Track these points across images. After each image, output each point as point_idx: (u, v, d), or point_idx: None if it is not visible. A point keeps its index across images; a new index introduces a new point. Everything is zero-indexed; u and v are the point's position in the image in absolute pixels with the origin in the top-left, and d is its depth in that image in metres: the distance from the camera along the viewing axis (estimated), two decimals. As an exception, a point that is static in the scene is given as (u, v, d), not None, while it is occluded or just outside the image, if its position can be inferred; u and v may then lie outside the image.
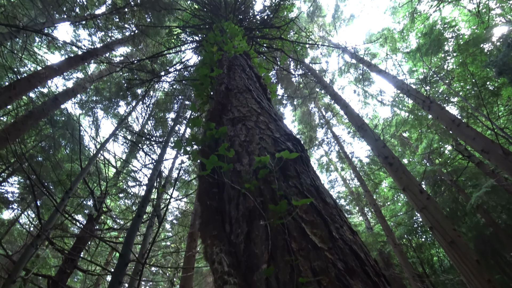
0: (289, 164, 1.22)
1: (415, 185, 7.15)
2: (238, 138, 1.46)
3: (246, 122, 1.55)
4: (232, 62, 2.63)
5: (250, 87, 2.03)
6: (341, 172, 14.04)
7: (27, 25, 7.57)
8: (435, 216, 6.53)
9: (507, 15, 13.50)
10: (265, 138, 1.39)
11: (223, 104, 1.86)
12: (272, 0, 8.26)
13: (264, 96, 2.12)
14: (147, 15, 9.17)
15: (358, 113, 7.99)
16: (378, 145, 7.40)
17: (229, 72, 2.37)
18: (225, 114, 1.76)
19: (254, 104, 1.75)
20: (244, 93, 1.92)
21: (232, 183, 1.25)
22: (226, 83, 2.09)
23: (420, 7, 14.01)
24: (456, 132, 8.46)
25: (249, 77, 2.30)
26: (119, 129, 7.65)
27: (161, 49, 8.77)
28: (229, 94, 1.96)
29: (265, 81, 2.74)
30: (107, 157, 11.57)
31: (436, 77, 11.99)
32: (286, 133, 1.47)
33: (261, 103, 1.79)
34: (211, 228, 1.13)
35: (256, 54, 3.33)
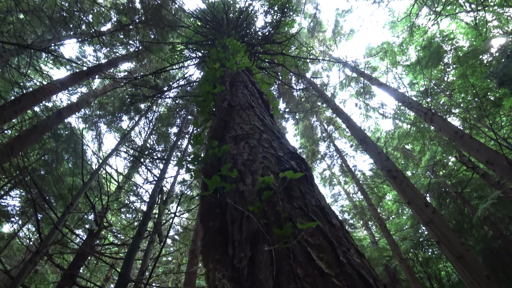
0: (294, 184, 1.20)
1: (420, 198, 7.05)
2: (241, 157, 1.45)
3: (249, 140, 1.54)
4: (235, 78, 2.65)
5: (252, 104, 2.03)
6: (344, 185, 13.90)
7: (34, 41, 7.76)
8: (442, 230, 6.40)
9: (504, 27, 13.70)
10: (269, 156, 1.37)
11: (226, 121, 1.86)
12: (273, 17, 8.46)
13: (266, 112, 2.12)
14: (151, 32, 9.39)
15: (360, 127, 8.00)
16: (381, 158, 7.35)
17: (232, 89, 2.38)
18: (227, 132, 1.76)
19: (256, 121, 1.75)
20: (247, 110, 1.92)
21: (235, 204, 1.22)
22: (228, 100, 2.09)
23: (418, 21, 14.28)
24: (460, 144, 8.41)
25: (252, 93, 2.32)
26: (121, 144, 7.68)
27: (164, 65, 8.92)
28: (232, 110, 1.97)
29: (267, 97, 2.75)
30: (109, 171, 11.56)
31: (437, 89, 12.06)
32: (289, 151, 1.46)
33: (264, 120, 1.79)
34: (214, 251, 1.10)
35: (258, 69, 3.36)
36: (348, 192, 14.02)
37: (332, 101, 9.09)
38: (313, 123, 13.65)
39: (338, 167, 13.62)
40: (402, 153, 14.94)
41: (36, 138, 8.62)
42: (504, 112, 11.94)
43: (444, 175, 13.15)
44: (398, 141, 12.22)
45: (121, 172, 9.34)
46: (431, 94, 11.76)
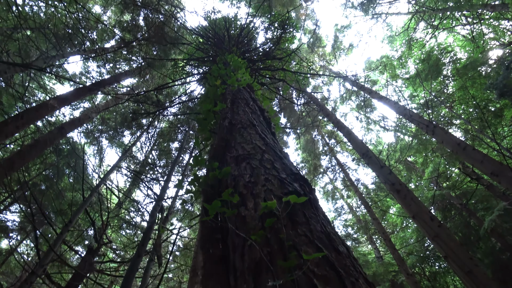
0: (297, 208, 1.15)
1: (425, 212, 6.92)
2: (242, 179, 1.41)
3: (251, 160, 1.50)
4: (236, 95, 2.65)
5: (254, 122, 2.02)
6: (347, 199, 13.72)
7: (39, 58, 7.89)
8: (449, 244, 6.24)
9: (500, 39, 13.89)
10: (271, 178, 1.34)
11: (227, 140, 1.83)
12: (273, 33, 8.61)
13: (268, 130, 2.10)
14: (153, 48, 9.56)
15: (362, 140, 7.97)
16: (384, 172, 7.27)
17: (233, 106, 2.37)
18: (228, 151, 1.73)
19: (258, 141, 1.72)
20: (248, 128, 1.90)
21: (237, 229, 1.18)
22: (229, 118, 2.08)
23: (416, 35, 14.52)
24: (463, 156, 8.33)
25: (253, 111, 2.30)
26: (122, 160, 7.66)
27: (166, 81, 9.04)
28: (233, 129, 1.95)
29: (268, 114, 2.74)
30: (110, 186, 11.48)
31: (437, 101, 12.09)
32: (292, 173, 1.42)
33: (266, 139, 1.76)
34: (215, 281, 1.04)
35: (260, 86, 3.38)
36: (351, 206, 13.81)
37: (333, 115, 9.11)
38: (314, 137, 13.63)
39: (340, 180, 13.49)
40: (404, 166, 14.82)
41: (37, 153, 8.62)
42: (506, 122, 11.91)
43: (448, 187, 12.97)
44: (400, 153, 12.14)
45: (121, 187, 9.27)
46: (432, 106, 11.78)
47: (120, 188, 10.09)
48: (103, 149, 9.92)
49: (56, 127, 9.12)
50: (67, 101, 7.95)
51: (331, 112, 9.35)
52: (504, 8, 12.44)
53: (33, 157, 8.77)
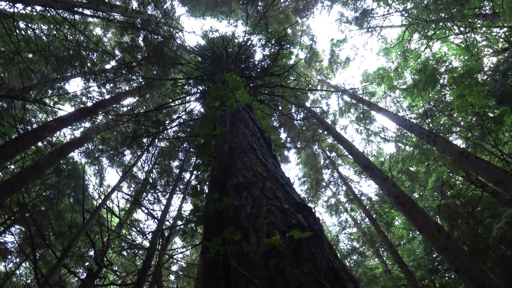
0: (302, 243, 1.11)
1: (431, 224, 6.78)
2: (244, 209, 1.37)
3: (252, 189, 1.47)
4: (235, 116, 2.64)
5: (254, 145, 1.99)
6: (350, 212, 13.51)
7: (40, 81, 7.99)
8: (459, 257, 6.07)
9: (493, 46, 14.10)
10: (273, 210, 1.29)
11: (227, 166, 1.80)
12: (271, 50, 8.75)
13: (269, 153, 2.07)
14: (153, 67, 9.71)
15: (363, 153, 7.92)
16: (387, 185, 7.18)
17: (232, 129, 2.36)
18: (229, 179, 1.69)
19: (259, 166, 1.69)
20: (248, 153, 1.87)
21: (239, 266, 1.13)
22: (229, 142, 2.06)
23: (411, 46, 14.76)
24: (466, 165, 8.26)
25: (253, 133, 2.28)
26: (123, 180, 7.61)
27: (166, 99, 9.12)
28: (233, 154, 1.92)
29: (269, 134, 2.72)
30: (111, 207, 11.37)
31: (436, 109, 12.13)
32: (295, 202, 1.38)
33: (267, 164, 1.73)
34: (218, 326, 0.99)
35: (259, 105, 3.38)
36: (355, 219, 13.58)
37: (333, 129, 9.12)
38: (315, 151, 13.59)
39: (343, 193, 13.33)
40: (407, 176, 14.69)
41: (38, 175, 8.57)
42: (506, 128, 11.88)
43: (452, 196, 12.80)
44: (402, 164, 12.06)
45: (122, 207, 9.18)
46: (431, 115, 11.80)
47: (121, 208, 9.98)
48: (104, 168, 9.88)
49: (57, 148, 9.12)
50: (67, 123, 7.98)
51: (331, 126, 9.36)
52: (495, 17, 12.70)
53: (33, 179, 8.72)
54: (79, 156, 11.58)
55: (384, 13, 14.20)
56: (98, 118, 11.68)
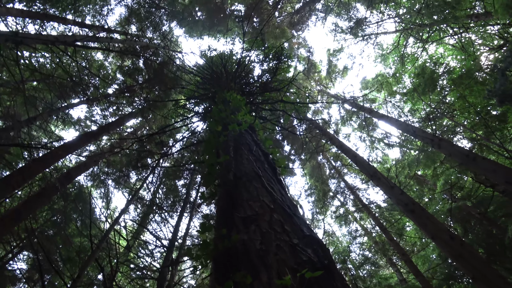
0: (314, 282, 1.09)
1: (444, 231, 6.65)
2: (253, 245, 1.36)
3: (260, 222, 1.47)
4: (238, 141, 2.66)
5: (259, 172, 2.00)
6: (360, 221, 13.29)
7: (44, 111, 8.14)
8: (474, 264, 5.92)
9: (489, 43, 14.17)
10: (283, 245, 1.29)
11: (233, 197, 1.80)
12: (269, 64, 8.88)
13: (274, 179, 2.08)
14: (154, 88, 9.88)
15: (368, 162, 7.88)
16: (395, 193, 7.10)
17: (236, 155, 2.37)
18: (236, 210, 1.69)
19: (265, 196, 1.69)
20: (254, 181, 1.88)
21: (252, 309, 1.11)
22: (233, 170, 2.07)
23: (407, 50, 14.89)
24: (473, 167, 8.16)
25: (257, 158, 2.30)
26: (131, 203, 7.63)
27: (168, 120, 9.24)
28: (238, 183, 1.93)
29: (273, 155, 2.73)
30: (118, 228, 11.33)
31: (438, 112, 12.07)
32: (304, 235, 1.37)
33: (273, 193, 1.73)
34: None
35: (261, 126, 3.41)
36: (365, 228, 13.34)
37: (336, 139, 9.11)
38: (320, 161, 13.52)
39: (351, 202, 13.16)
40: (415, 180, 14.49)
41: (44, 201, 8.60)
42: (511, 125, 11.76)
43: (463, 197, 12.56)
44: (408, 169, 11.93)
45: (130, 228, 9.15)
46: (434, 118, 11.75)
47: (128, 230, 9.95)
48: (110, 192, 9.93)
49: (63, 173, 9.20)
50: (73, 148, 8.08)
51: (333, 136, 9.36)
52: (488, 17, 12.82)
53: (40, 206, 8.75)
54: (85, 180, 11.65)
55: (377, 20, 14.42)
56: (102, 140, 11.83)
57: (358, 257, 13.54)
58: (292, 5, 13.68)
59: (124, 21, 11.79)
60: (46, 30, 11.40)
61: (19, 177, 7.37)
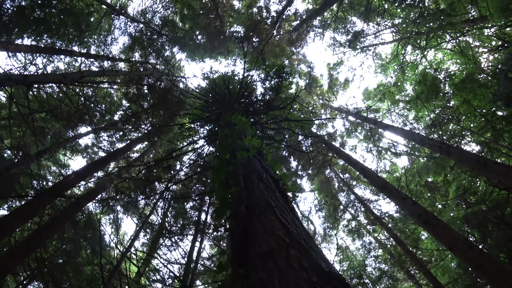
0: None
1: (461, 241, 6.43)
2: (272, 284, 1.34)
3: (277, 259, 1.45)
4: (247, 168, 2.67)
5: (271, 203, 1.99)
6: (374, 234, 12.95)
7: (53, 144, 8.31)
8: (497, 274, 5.69)
9: (487, 45, 14.24)
10: (302, 283, 1.26)
11: (247, 230, 1.79)
12: (271, 83, 9.02)
13: (287, 208, 2.07)
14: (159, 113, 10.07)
15: (377, 174, 7.79)
16: (407, 204, 6.95)
17: (246, 184, 2.38)
18: (251, 245, 1.68)
19: (280, 230, 1.68)
20: (267, 213, 1.87)
21: None
22: (245, 201, 2.07)
23: (407, 58, 15.01)
24: (485, 172, 8.02)
25: (268, 186, 2.30)
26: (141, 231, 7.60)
27: (174, 143, 9.34)
28: (251, 215, 1.92)
29: (283, 180, 2.73)
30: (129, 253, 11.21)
31: (444, 118, 11.99)
32: (323, 271, 1.35)
33: (287, 226, 1.72)
34: None
35: (268, 148, 3.43)
36: (379, 240, 12.98)
37: (343, 152, 9.07)
38: (328, 175, 13.40)
39: (363, 215, 12.88)
40: (426, 187, 14.19)
41: (54, 231, 8.62)
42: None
43: (477, 202, 12.22)
44: (418, 177, 11.72)
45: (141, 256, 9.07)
46: (440, 124, 11.65)
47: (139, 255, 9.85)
48: (120, 219, 9.94)
49: (72, 202, 9.26)
50: (82, 178, 8.17)
51: (340, 149, 9.32)
52: (483, 21, 12.94)
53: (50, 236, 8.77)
54: (93, 206, 11.68)
55: (374, 31, 14.67)
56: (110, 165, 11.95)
57: (374, 271, 13.09)
58: (290, 23, 14.04)
59: (127, 49, 12.22)
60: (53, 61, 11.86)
61: (30, 209, 7.43)
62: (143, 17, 12.05)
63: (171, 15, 12.56)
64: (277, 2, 12.76)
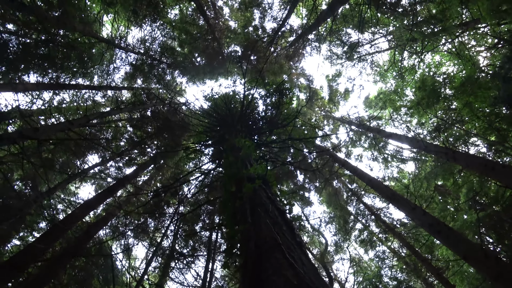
0: None
1: (476, 250, 6.30)
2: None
3: (287, 303, 1.51)
4: (254, 201, 2.74)
5: (278, 240, 2.05)
6: (386, 243, 12.71)
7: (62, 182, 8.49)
8: (517, 284, 5.55)
9: (483, 43, 14.36)
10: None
11: (257, 271, 1.85)
12: (272, 100, 9.17)
13: (293, 243, 2.12)
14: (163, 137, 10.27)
15: (385, 185, 7.77)
16: (418, 214, 6.89)
17: (253, 218, 2.44)
18: (263, 285, 1.74)
19: (288, 270, 1.73)
20: (275, 251, 1.93)
21: None
22: (253, 238, 2.13)
23: (404, 63, 15.14)
24: (493, 176, 7.91)
25: (275, 221, 2.36)
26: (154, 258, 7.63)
27: (180, 165, 9.48)
28: (260, 252, 1.98)
29: (289, 209, 2.79)
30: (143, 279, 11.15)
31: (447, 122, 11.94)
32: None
33: (294, 265, 1.77)
34: None
35: (274, 175, 3.50)
36: (393, 249, 12.71)
37: (348, 164, 9.08)
38: (335, 185, 13.34)
39: (374, 223, 12.69)
40: (436, 191, 13.98)
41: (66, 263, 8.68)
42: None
43: (490, 204, 11.97)
44: (427, 182, 11.59)
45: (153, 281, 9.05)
46: (444, 128, 11.59)
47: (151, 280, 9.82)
48: (130, 243, 9.97)
49: (83, 231, 9.35)
50: (91, 208, 8.30)
51: (345, 161, 9.34)
52: (476, 23, 13.09)
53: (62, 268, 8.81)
54: (103, 233, 11.74)
55: (370, 40, 14.91)
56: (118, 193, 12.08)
57: (390, 281, 12.76)
58: (286, 39, 14.38)
59: (129, 76, 12.61)
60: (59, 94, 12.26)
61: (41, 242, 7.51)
62: (142, 44, 12.47)
63: (170, 41, 12.99)
64: (272, 21, 13.11)
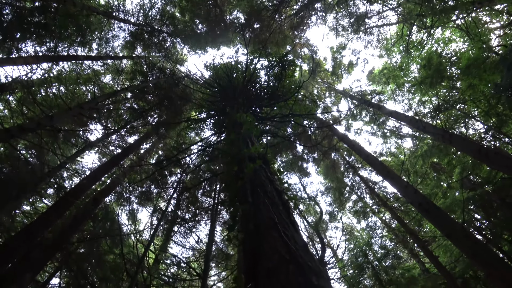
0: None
1: (458, 230, 6.72)
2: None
3: (279, 275, 1.77)
4: (254, 181, 2.97)
5: (275, 219, 2.30)
6: (379, 214, 13.36)
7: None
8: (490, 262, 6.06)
9: (499, 20, 13.84)
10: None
11: (255, 248, 2.12)
12: (274, 71, 9.04)
13: (288, 223, 2.37)
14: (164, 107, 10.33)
15: (381, 162, 8.02)
16: (409, 192, 7.24)
17: (253, 198, 2.68)
18: (260, 260, 2.01)
19: (282, 247, 1.99)
20: (272, 230, 2.18)
21: None
22: (252, 219, 2.38)
23: (412, 38, 14.66)
24: (486, 162, 8.10)
25: (272, 202, 2.59)
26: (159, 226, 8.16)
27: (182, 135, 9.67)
28: (258, 232, 2.24)
29: (285, 191, 3.02)
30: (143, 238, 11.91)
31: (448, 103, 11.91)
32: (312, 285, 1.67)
33: (288, 243, 2.03)
34: None
35: (274, 159, 3.69)
36: (384, 220, 13.40)
37: (347, 138, 9.25)
38: (333, 157, 13.64)
39: (368, 196, 13.24)
40: (431, 168, 14.36)
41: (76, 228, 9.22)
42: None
43: (481, 183, 12.40)
44: (422, 161, 11.89)
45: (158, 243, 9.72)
46: (444, 108, 11.61)
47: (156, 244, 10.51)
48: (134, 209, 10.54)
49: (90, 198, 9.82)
50: (97, 179, 8.66)
51: (344, 135, 9.50)
52: (491, 2, 12.44)
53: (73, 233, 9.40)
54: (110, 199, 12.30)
55: (378, 11, 14.29)
56: (122, 162, 12.41)
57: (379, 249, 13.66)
58: (291, 8, 13.78)
59: (129, 44, 12.30)
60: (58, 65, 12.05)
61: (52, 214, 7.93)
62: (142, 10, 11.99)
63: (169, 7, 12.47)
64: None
